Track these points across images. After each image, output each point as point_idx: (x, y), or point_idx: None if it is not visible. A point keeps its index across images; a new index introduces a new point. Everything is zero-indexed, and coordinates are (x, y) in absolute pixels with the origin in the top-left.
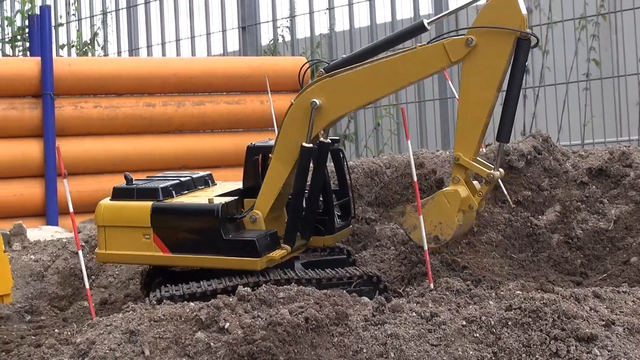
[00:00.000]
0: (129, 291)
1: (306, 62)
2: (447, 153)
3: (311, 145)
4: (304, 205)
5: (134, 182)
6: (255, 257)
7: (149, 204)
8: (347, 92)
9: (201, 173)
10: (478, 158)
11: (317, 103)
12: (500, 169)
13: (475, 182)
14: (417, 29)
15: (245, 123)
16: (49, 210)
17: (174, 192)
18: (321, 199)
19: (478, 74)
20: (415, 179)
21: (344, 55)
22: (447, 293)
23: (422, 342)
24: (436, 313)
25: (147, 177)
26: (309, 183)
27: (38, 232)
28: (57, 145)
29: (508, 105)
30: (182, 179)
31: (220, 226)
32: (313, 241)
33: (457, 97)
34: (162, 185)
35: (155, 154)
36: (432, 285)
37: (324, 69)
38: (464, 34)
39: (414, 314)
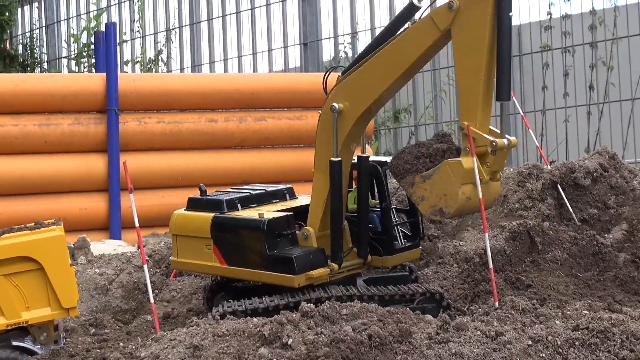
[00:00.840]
0: (192, 306)
1: (327, 70)
2: (511, 170)
3: (339, 158)
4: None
5: (207, 194)
6: (292, 274)
7: (210, 215)
8: (360, 88)
9: (280, 186)
10: (492, 128)
11: (337, 107)
12: (510, 137)
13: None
14: (409, 10)
15: (307, 138)
16: (112, 224)
17: (239, 205)
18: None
19: (466, 37)
20: (480, 196)
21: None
22: (513, 312)
23: None
24: (501, 332)
25: (232, 188)
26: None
27: (101, 246)
28: (124, 161)
29: (501, 62)
30: (253, 192)
31: (265, 241)
32: (373, 260)
33: (520, 112)
34: (227, 198)
35: (217, 169)
36: (497, 304)
37: (341, 73)
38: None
39: (478, 332)
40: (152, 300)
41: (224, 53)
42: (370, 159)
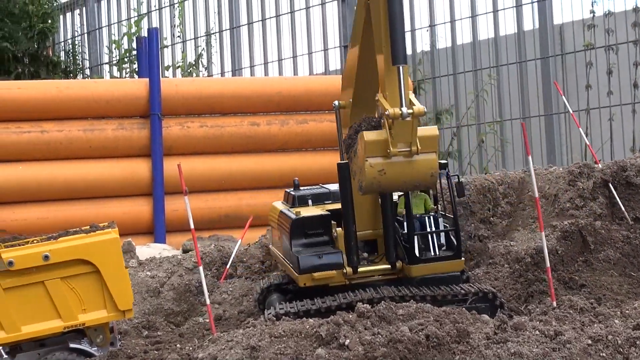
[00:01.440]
0: (243, 308)
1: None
2: (561, 169)
3: (345, 161)
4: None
5: (299, 188)
6: (297, 273)
7: (280, 209)
8: (347, 76)
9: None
10: (416, 102)
11: (337, 104)
12: (416, 105)
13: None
14: None
15: None
16: (156, 228)
17: (310, 201)
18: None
19: (373, 8)
20: (536, 195)
21: None
22: (571, 311)
23: None
24: (560, 331)
25: None
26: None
27: (146, 250)
28: (178, 163)
29: (393, 24)
30: (333, 189)
31: (291, 238)
32: (404, 268)
33: (569, 110)
34: (301, 194)
35: (260, 172)
36: (554, 303)
37: None
38: None
39: (537, 332)
40: (208, 301)
41: (264, 56)
42: None
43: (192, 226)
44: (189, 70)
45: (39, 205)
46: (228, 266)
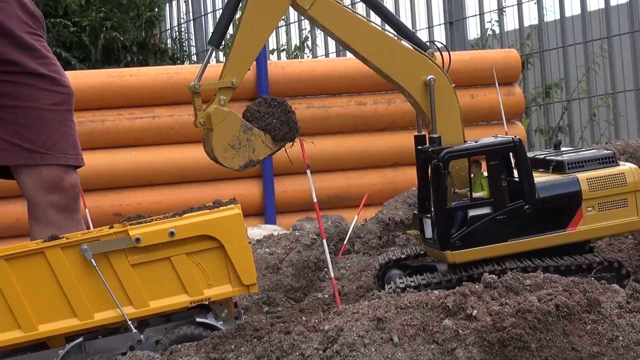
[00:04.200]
0: (361, 283)
1: None
2: None
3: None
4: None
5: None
6: None
7: None
8: None
9: (591, 151)
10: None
11: None
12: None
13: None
14: None
15: None
16: (266, 209)
17: None
18: None
19: None
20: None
21: None
22: None
23: None
24: None
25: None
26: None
27: (257, 231)
28: (300, 138)
29: (223, 11)
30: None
31: None
32: None
33: None
34: None
35: (367, 152)
36: None
37: None
38: None
39: None
40: (332, 274)
41: None
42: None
43: (314, 199)
44: (294, 53)
45: (152, 189)
46: (345, 242)
